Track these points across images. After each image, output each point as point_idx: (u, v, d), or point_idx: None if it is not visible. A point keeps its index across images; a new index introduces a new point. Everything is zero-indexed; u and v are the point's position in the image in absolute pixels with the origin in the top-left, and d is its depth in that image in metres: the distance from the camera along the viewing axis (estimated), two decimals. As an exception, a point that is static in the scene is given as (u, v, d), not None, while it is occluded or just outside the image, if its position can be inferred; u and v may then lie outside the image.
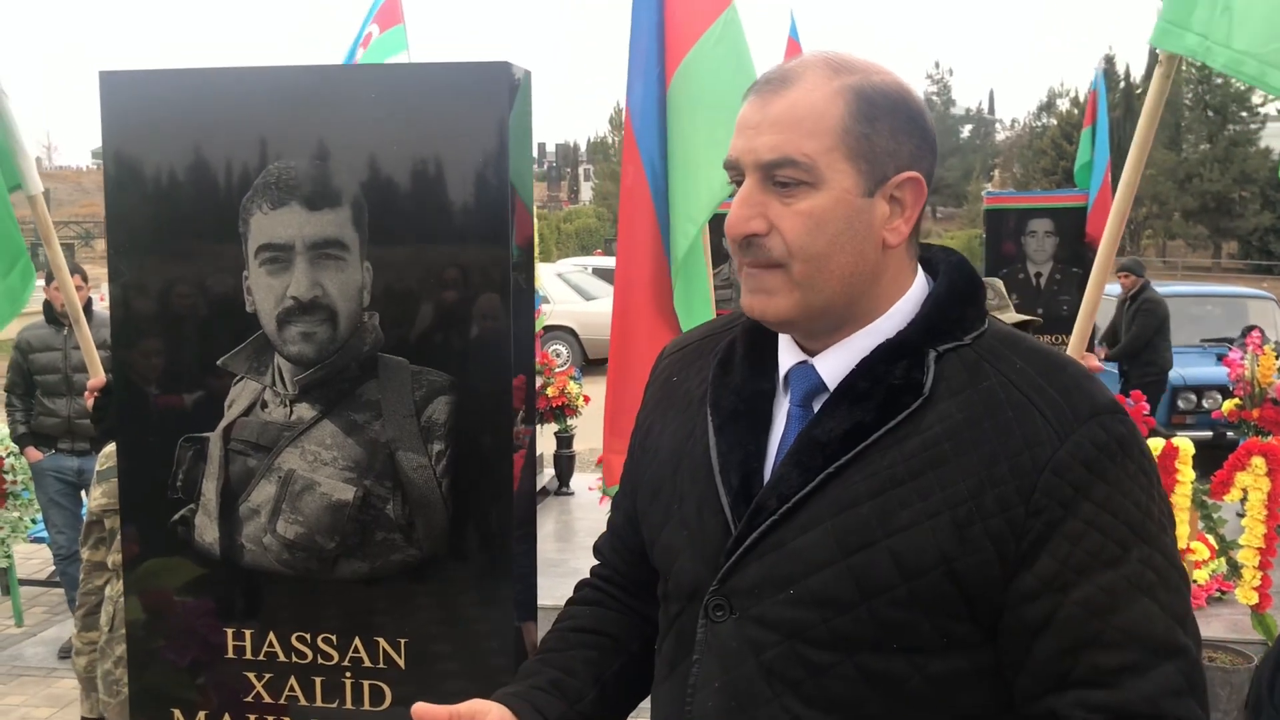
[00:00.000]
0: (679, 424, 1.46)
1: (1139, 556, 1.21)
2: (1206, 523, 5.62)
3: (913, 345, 1.30)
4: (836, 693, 1.26)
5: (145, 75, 2.22)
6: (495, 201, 2.09)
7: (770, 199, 1.29)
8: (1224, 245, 43.20)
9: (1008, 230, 8.58)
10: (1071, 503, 1.20)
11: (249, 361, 2.19)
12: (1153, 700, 1.18)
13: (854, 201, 1.27)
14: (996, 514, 1.21)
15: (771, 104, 1.28)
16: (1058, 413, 1.23)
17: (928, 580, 1.22)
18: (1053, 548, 1.20)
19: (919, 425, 1.26)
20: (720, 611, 1.32)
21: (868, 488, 1.25)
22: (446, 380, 2.13)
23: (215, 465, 2.21)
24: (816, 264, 1.28)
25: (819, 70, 1.29)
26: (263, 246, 2.15)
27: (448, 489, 2.14)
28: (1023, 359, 1.29)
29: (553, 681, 1.52)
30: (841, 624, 1.25)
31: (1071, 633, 1.20)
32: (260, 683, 2.26)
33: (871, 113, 1.27)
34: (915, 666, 1.24)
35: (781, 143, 1.27)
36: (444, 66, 2.12)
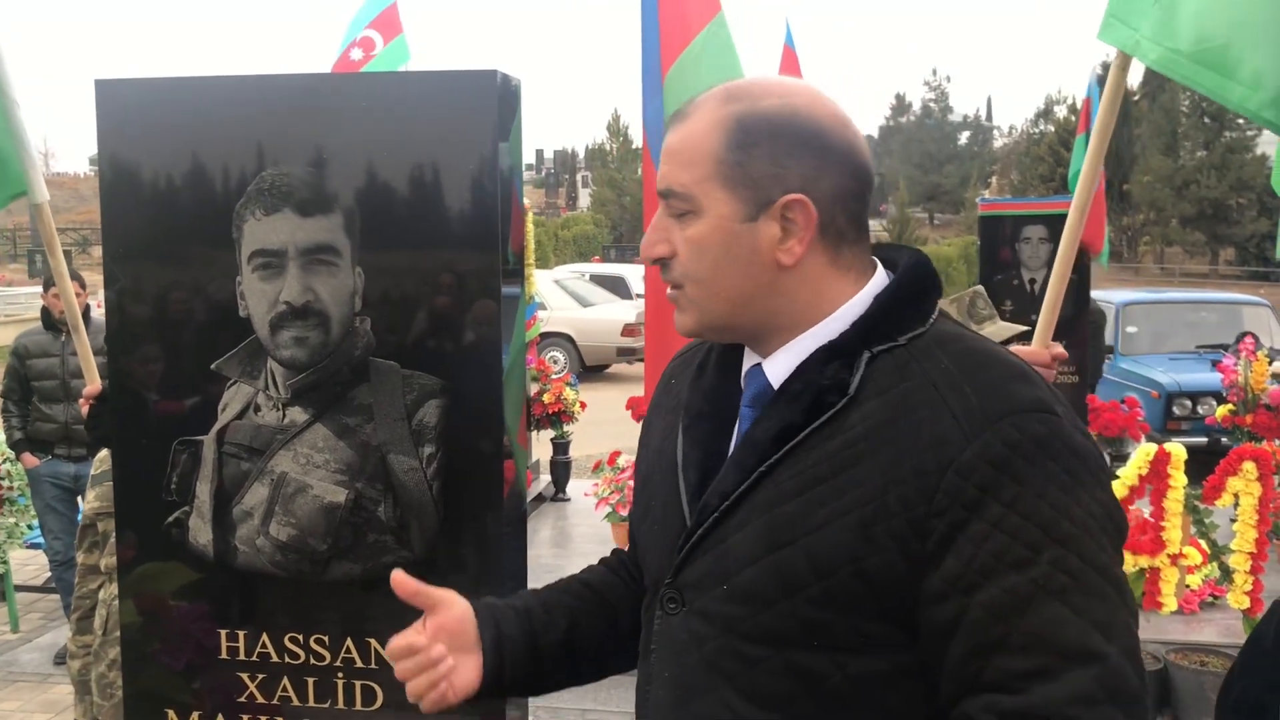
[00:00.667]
0: (665, 424, 1.50)
1: (1050, 559, 1.17)
2: (1199, 528, 5.64)
3: (849, 347, 1.32)
4: (767, 687, 1.28)
5: (140, 83, 2.25)
6: (486, 208, 2.12)
7: (672, 224, 1.36)
8: (1221, 252, 43.30)
9: (1003, 237, 8.60)
10: (977, 504, 1.19)
11: (242, 365, 2.22)
12: (1058, 705, 1.14)
13: (732, 227, 1.31)
14: (899, 513, 1.21)
15: (672, 135, 1.36)
16: (969, 412, 1.22)
17: (838, 579, 1.23)
18: (957, 549, 1.19)
19: (843, 425, 1.27)
20: (673, 604, 1.37)
21: (794, 486, 1.28)
22: (437, 384, 2.16)
23: (209, 468, 2.24)
24: (704, 286, 1.34)
25: (713, 100, 1.34)
26: (256, 252, 2.18)
27: (439, 491, 2.17)
28: (950, 358, 1.29)
29: (525, 608, 1.56)
30: (767, 619, 1.28)
31: (978, 636, 1.18)
32: (254, 683, 2.29)
33: (747, 140, 1.30)
34: (837, 665, 1.25)
35: (666, 174, 1.34)
36: (435, 75, 2.15)
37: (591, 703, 5.32)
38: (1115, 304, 11.38)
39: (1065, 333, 8.30)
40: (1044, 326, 2.63)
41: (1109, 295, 11.96)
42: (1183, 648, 5.14)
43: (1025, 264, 8.44)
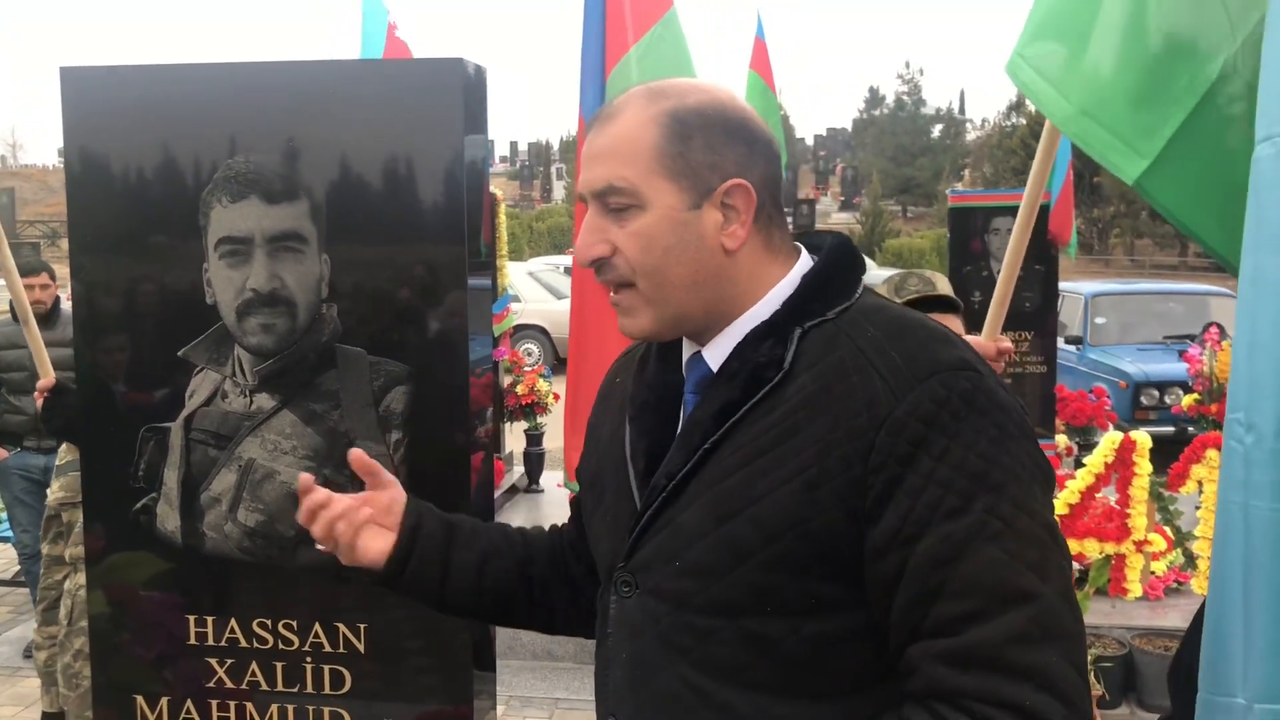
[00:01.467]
0: (612, 420, 1.56)
1: (983, 506, 1.23)
2: (1164, 515, 5.72)
3: (779, 325, 1.38)
4: (721, 657, 1.33)
5: (106, 71, 2.25)
6: (452, 197, 2.14)
7: (609, 224, 1.38)
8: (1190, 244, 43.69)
9: (973, 229, 8.67)
10: (909, 459, 1.24)
11: (209, 352, 2.23)
12: (996, 646, 1.20)
13: (679, 216, 1.36)
14: (840, 474, 1.26)
15: (599, 136, 1.39)
16: (896, 374, 1.28)
17: (785, 542, 1.28)
18: (895, 504, 1.25)
19: (781, 398, 1.33)
20: (627, 588, 1.41)
21: (735, 460, 1.33)
22: (404, 370, 2.17)
23: (177, 455, 2.25)
24: (656, 279, 1.38)
25: (638, 100, 1.39)
26: (222, 239, 2.19)
27: (406, 478, 2.17)
28: (876, 327, 1.35)
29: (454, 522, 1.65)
30: (718, 590, 1.32)
31: (917, 585, 1.24)
32: (222, 668, 2.30)
33: (684, 132, 1.36)
34: (790, 628, 1.30)
35: (606, 171, 1.37)
36: (399, 63, 2.17)
37: (564, 691, 5.34)
38: (1084, 295, 11.48)
39: (1033, 324, 8.42)
40: (993, 319, 2.65)
41: (1077, 286, 12.06)
42: (1147, 633, 5.22)
43: (995, 255, 8.50)
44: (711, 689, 1.33)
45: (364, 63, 2.11)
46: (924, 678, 1.24)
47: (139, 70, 2.24)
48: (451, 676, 2.25)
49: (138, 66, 2.24)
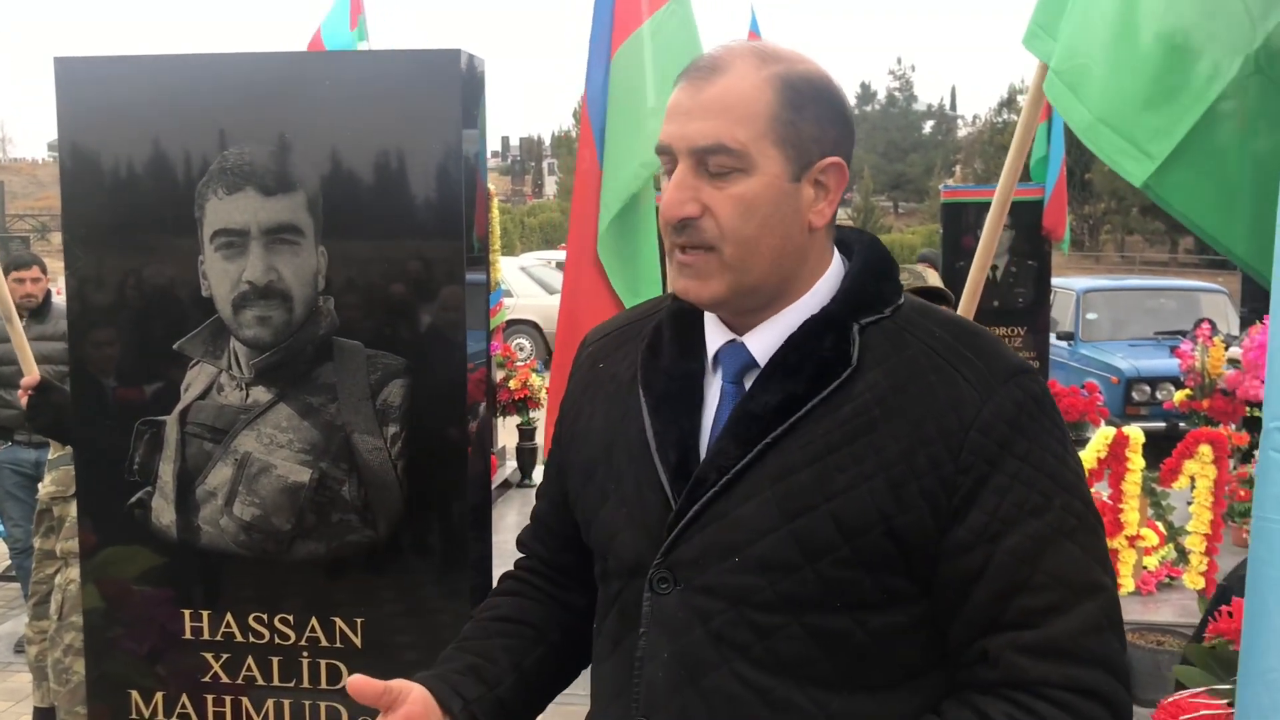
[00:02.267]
0: (609, 407, 1.49)
1: (1061, 504, 1.28)
2: (1155, 510, 5.73)
3: (837, 319, 1.36)
4: (785, 653, 1.31)
5: (102, 62, 2.24)
6: (449, 190, 2.13)
7: (703, 183, 1.32)
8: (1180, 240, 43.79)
9: (965, 224, 8.68)
10: (997, 458, 1.28)
11: (205, 345, 2.22)
12: (1074, 636, 1.26)
13: (782, 186, 1.33)
14: (928, 472, 1.27)
15: (703, 90, 1.32)
16: (978, 375, 1.31)
17: (868, 539, 1.28)
18: (982, 501, 1.27)
19: (849, 394, 1.32)
20: (665, 584, 1.36)
21: (804, 456, 1.31)
22: (401, 364, 2.16)
23: (172, 448, 2.24)
24: (747, 246, 1.33)
25: (748, 59, 1.34)
26: (218, 232, 2.18)
27: (403, 470, 2.17)
28: (940, 327, 1.37)
29: (470, 666, 1.53)
30: (788, 586, 1.30)
31: (1003, 580, 1.27)
32: (218, 663, 2.29)
33: (798, 100, 1.33)
34: (858, 622, 1.30)
35: (714, 129, 1.30)
36: (397, 54, 2.15)
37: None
38: (1076, 290, 11.50)
39: (1026, 319, 8.43)
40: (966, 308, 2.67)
41: (1069, 282, 12.09)
42: (1140, 627, 5.23)
43: (989, 251, 8.51)
44: (770, 685, 1.31)
45: (361, 54, 2.10)
46: (1005, 668, 1.27)
47: (135, 61, 2.23)
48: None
49: (133, 57, 2.23)
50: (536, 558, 1.66)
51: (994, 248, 2.56)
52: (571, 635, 1.58)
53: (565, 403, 1.60)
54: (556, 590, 1.63)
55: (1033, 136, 2.45)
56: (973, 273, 2.59)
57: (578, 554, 1.57)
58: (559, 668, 1.59)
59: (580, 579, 1.58)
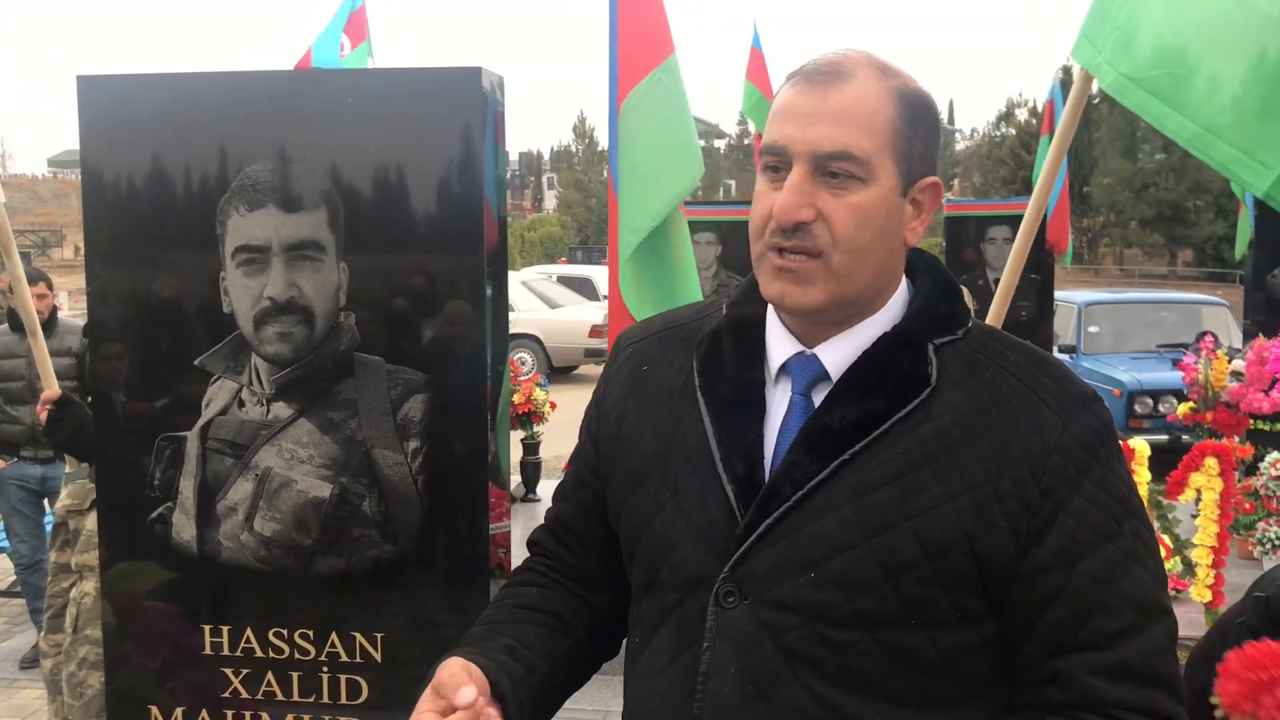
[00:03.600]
0: (662, 413, 1.46)
1: (1130, 529, 1.31)
2: (1162, 523, 5.73)
3: (913, 338, 1.37)
4: (858, 669, 1.31)
5: (123, 79, 2.25)
6: (469, 205, 2.14)
7: (819, 189, 1.31)
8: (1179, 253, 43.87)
9: (967, 238, 8.71)
10: (1075, 483, 1.29)
11: (226, 361, 2.23)
12: (1146, 658, 1.28)
13: (894, 200, 1.34)
14: (1013, 494, 1.29)
15: (830, 95, 1.31)
16: (1059, 401, 1.33)
17: (950, 559, 1.28)
18: (1060, 524, 1.29)
19: (929, 413, 1.32)
20: (731, 598, 1.34)
21: (884, 473, 1.31)
22: (422, 379, 2.17)
23: (193, 464, 2.24)
24: (857, 257, 1.33)
25: (870, 69, 1.34)
26: (240, 248, 2.19)
27: (423, 486, 2.18)
28: (1014, 352, 1.39)
29: (509, 648, 1.47)
30: (865, 603, 1.29)
31: (1079, 602, 1.29)
32: (237, 678, 2.29)
33: (913, 117, 1.34)
34: (931, 640, 1.30)
35: (842, 135, 1.30)
36: (418, 72, 2.17)
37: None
38: (1077, 304, 11.52)
39: (1029, 333, 8.44)
40: (994, 318, 2.70)
41: (1071, 295, 12.10)
42: (1147, 640, 5.22)
43: (990, 264, 8.54)
44: (842, 702, 1.31)
45: (382, 71, 2.11)
46: (1079, 689, 1.29)
47: (156, 79, 2.24)
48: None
49: (155, 75, 2.25)
50: (557, 559, 1.61)
51: (1025, 255, 2.59)
52: (595, 634, 1.56)
53: (604, 403, 1.56)
54: (580, 589, 1.59)
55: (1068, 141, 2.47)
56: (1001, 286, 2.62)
57: (604, 560, 1.55)
58: (583, 664, 1.56)
59: (606, 584, 1.56)
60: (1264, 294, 8.84)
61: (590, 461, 1.57)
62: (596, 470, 1.55)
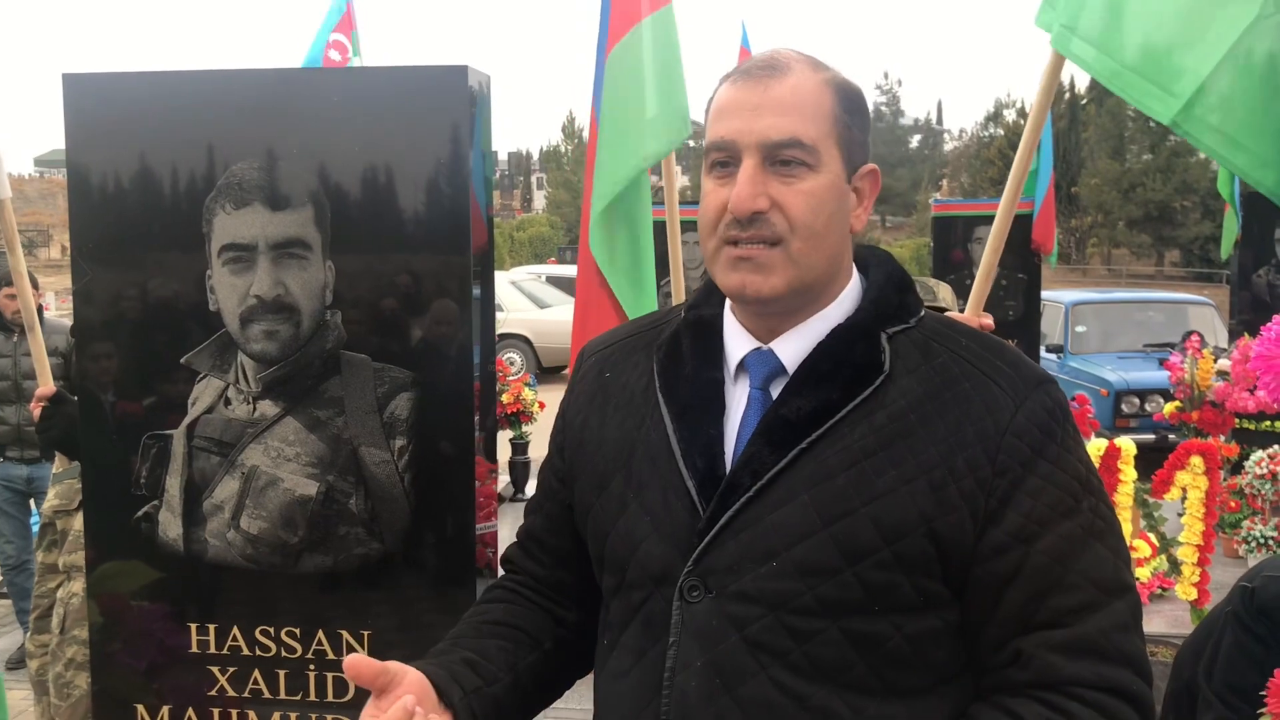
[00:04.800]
0: (624, 416, 1.48)
1: (1089, 506, 1.33)
2: (1148, 521, 5.76)
3: (866, 328, 1.39)
4: (823, 658, 1.32)
5: (109, 78, 2.25)
6: (456, 203, 2.14)
7: (770, 179, 1.34)
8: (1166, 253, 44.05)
9: (955, 238, 8.75)
10: (1030, 462, 1.31)
11: (212, 359, 2.23)
12: (1106, 634, 1.29)
13: (841, 185, 1.38)
14: (967, 475, 1.30)
15: (772, 88, 1.35)
16: (1010, 382, 1.35)
17: (909, 541, 1.30)
18: (1017, 503, 1.31)
19: (884, 400, 1.35)
20: (695, 592, 1.35)
21: (841, 460, 1.33)
22: (409, 377, 2.17)
23: (179, 462, 2.24)
24: (814, 242, 1.36)
25: (803, 63, 1.38)
26: (226, 246, 2.19)
27: (410, 483, 2.18)
28: (966, 338, 1.41)
29: (467, 660, 1.48)
30: (827, 590, 1.31)
31: (1038, 580, 1.30)
32: (224, 676, 2.29)
33: (850, 106, 1.38)
34: (895, 626, 1.31)
35: (788, 123, 1.33)
36: (404, 70, 2.17)
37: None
38: (1064, 304, 11.56)
39: (1016, 332, 8.47)
40: (976, 297, 2.72)
41: (1058, 295, 12.15)
42: (1133, 638, 5.24)
43: (977, 264, 8.55)
44: (808, 692, 1.32)
45: (369, 70, 2.11)
46: (1037, 667, 1.30)
47: (143, 77, 2.24)
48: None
49: (142, 73, 2.24)
50: (527, 574, 1.63)
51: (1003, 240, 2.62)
52: (564, 647, 1.57)
53: (569, 413, 1.58)
54: (549, 604, 1.60)
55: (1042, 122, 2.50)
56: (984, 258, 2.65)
57: (573, 571, 1.56)
58: (552, 677, 1.56)
59: (575, 596, 1.57)
60: (1249, 293, 8.88)
61: (557, 471, 1.59)
62: (563, 479, 1.57)
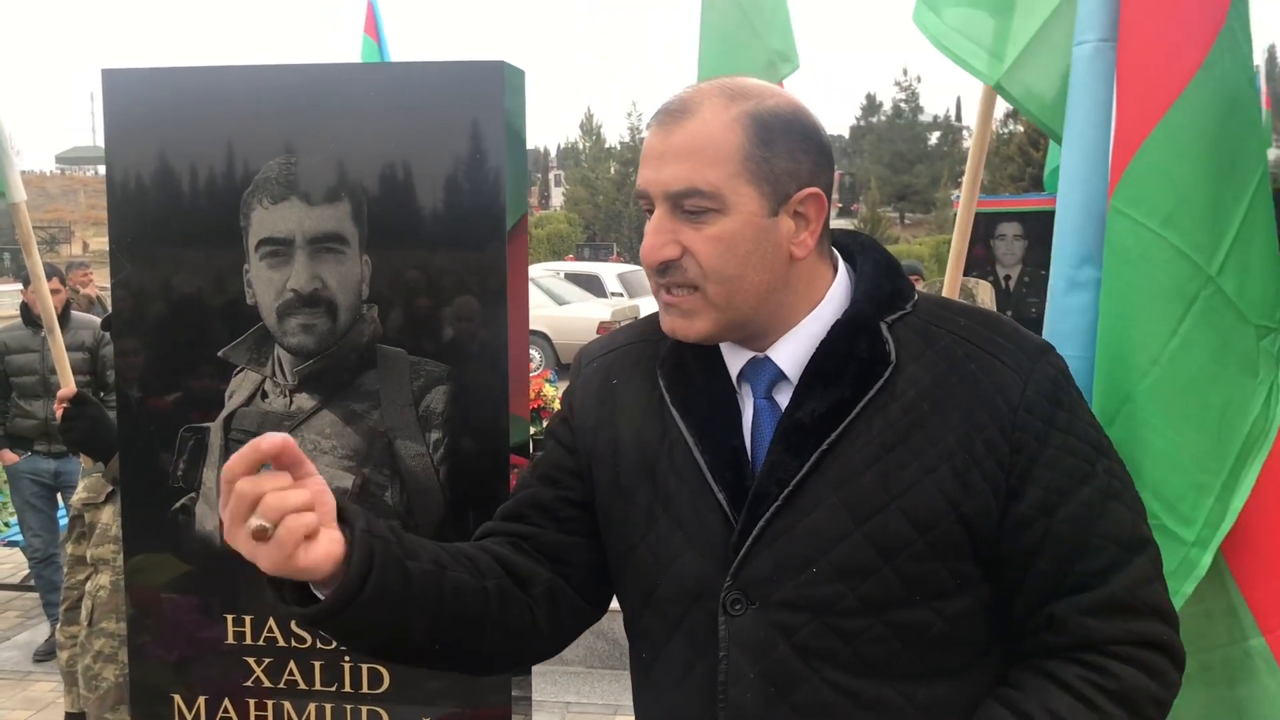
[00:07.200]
0: (639, 428, 1.47)
1: (1103, 468, 1.35)
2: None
3: (864, 320, 1.39)
4: (871, 654, 1.33)
5: (147, 73, 2.27)
6: (491, 199, 2.15)
7: (681, 225, 1.34)
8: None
9: (977, 234, 8.70)
10: (1043, 434, 1.33)
11: (249, 353, 2.25)
12: (1132, 590, 1.32)
13: (760, 222, 1.34)
14: (986, 456, 1.32)
15: (673, 135, 1.33)
16: (1013, 357, 1.36)
17: (941, 529, 1.32)
18: (1035, 477, 1.32)
19: (894, 392, 1.35)
20: (738, 605, 1.35)
21: (863, 458, 1.33)
22: (444, 370, 2.19)
23: (216, 454, 2.26)
24: (731, 284, 1.35)
25: (715, 99, 1.34)
26: (263, 240, 2.21)
27: (445, 476, 2.20)
28: (963, 317, 1.41)
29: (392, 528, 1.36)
30: (869, 588, 1.32)
31: (1063, 548, 1.33)
32: (260, 667, 2.31)
33: (768, 136, 1.33)
34: (936, 612, 1.33)
35: (686, 172, 1.32)
36: (440, 66, 2.18)
37: (574, 695, 5.34)
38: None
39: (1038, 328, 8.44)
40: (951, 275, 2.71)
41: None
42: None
43: (1000, 260, 8.55)
44: (861, 688, 1.33)
45: (405, 65, 2.12)
46: (1072, 630, 1.33)
47: (182, 72, 2.26)
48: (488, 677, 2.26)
49: (181, 69, 2.26)
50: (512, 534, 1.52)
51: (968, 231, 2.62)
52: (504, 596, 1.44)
53: (579, 413, 1.55)
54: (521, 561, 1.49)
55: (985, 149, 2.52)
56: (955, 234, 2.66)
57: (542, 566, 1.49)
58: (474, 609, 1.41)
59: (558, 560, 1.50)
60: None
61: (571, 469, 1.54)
62: (580, 476, 1.53)
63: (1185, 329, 1.71)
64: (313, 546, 1.23)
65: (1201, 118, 1.72)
